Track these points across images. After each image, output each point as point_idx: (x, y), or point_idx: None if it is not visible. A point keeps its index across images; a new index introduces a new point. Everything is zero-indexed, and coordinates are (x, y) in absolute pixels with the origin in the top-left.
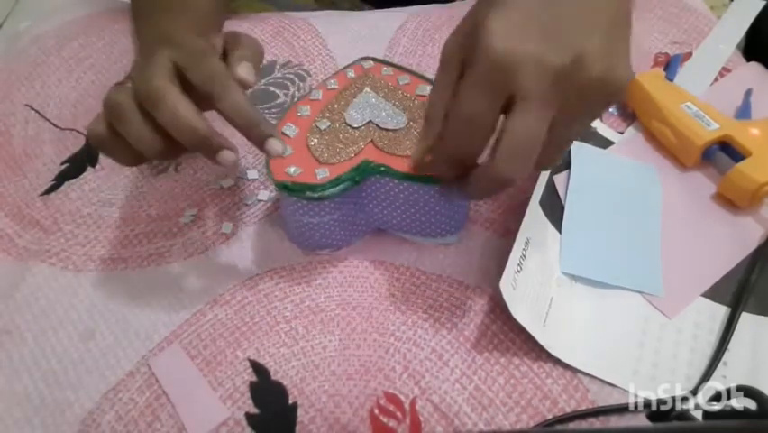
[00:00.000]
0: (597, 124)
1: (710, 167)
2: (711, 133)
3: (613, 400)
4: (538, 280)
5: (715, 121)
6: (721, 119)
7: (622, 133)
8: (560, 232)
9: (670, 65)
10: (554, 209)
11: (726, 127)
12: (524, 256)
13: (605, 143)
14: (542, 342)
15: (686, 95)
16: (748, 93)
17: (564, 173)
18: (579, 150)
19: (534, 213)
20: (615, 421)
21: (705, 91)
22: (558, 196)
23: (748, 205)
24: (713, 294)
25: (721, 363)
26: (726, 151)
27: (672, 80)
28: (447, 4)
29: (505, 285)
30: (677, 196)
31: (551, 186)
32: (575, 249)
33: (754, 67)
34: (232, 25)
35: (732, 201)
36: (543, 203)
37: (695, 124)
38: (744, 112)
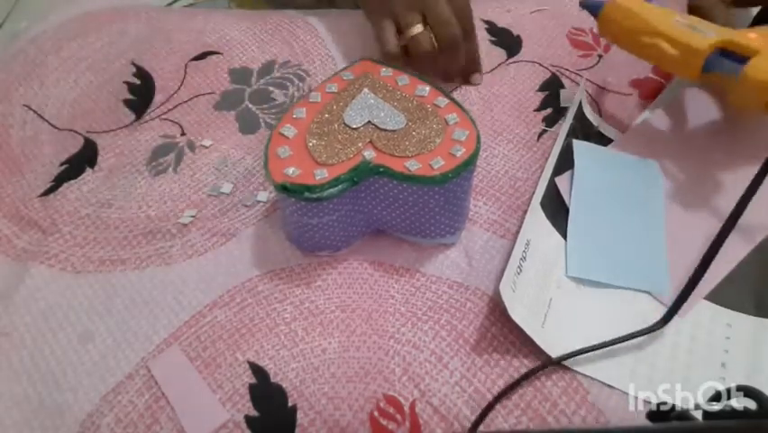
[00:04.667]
0: (598, 123)
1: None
2: (711, 40)
3: (613, 401)
4: (538, 281)
5: (710, 30)
6: (716, 28)
7: (623, 132)
8: (561, 234)
9: None
10: (556, 211)
11: (725, 34)
12: (524, 258)
13: (606, 142)
14: (540, 343)
15: (674, 12)
16: None
17: (567, 174)
18: (581, 148)
19: (536, 214)
20: (615, 421)
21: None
22: (561, 197)
23: (765, 107)
24: (713, 296)
25: (720, 366)
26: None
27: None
28: None
29: (504, 287)
30: (684, 183)
31: (552, 187)
32: (581, 252)
33: None
34: (230, 23)
35: (745, 112)
36: (544, 204)
37: (692, 34)
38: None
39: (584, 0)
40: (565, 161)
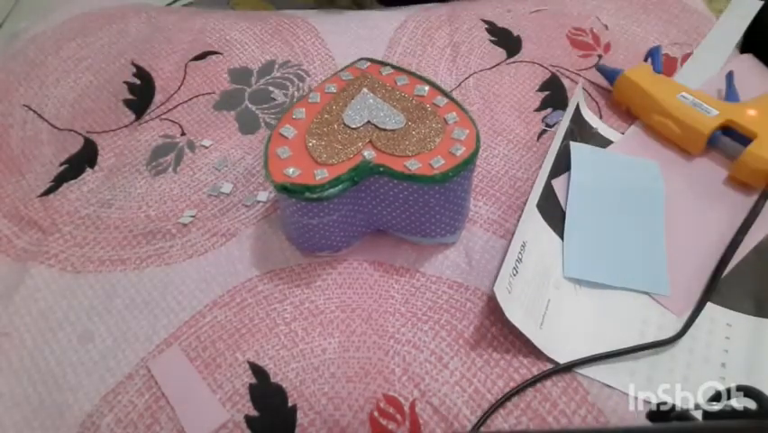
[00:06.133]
0: (597, 125)
1: (714, 152)
2: (714, 120)
3: (613, 401)
4: (535, 282)
5: (713, 107)
6: (718, 105)
7: (623, 133)
8: (558, 235)
9: (653, 57)
10: (553, 213)
11: (726, 112)
12: (519, 260)
13: (605, 143)
14: (537, 344)
15: (678, 85)
16: (730, 76)
17: (563, 177)
18: (578, 151)
19: (532, 216)
20: (615, 421)
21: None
22: (557, 200)
23: (762, 184)
24: (713, 296)
25: (720, 366)
26: (729, 135)
27: (659, 72)
28: (446, 4)
29: (499, 289)
30: (686, 186)
31: (549, 189)
32: (578, 253)
33: (745, 59)
34: (230, 23)
35: (746, 183)
36: (540, 206)
37: (696, 113)
38: (731, 95)
39: (600, 67)
40: (562, 164)
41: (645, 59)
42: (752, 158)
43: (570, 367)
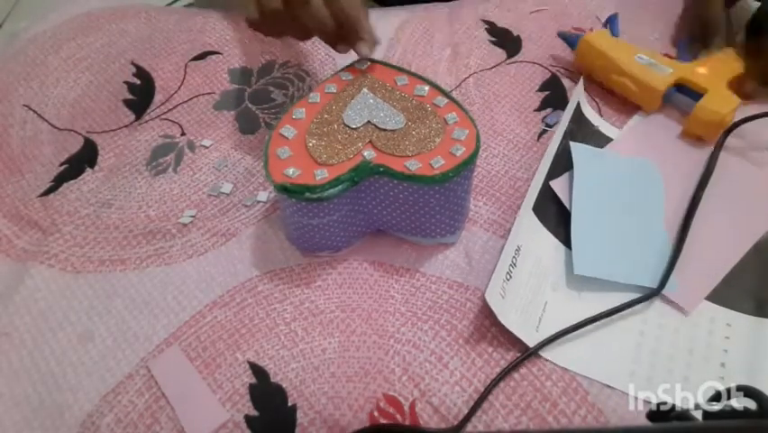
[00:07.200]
0: (598, 123)
1: (671, 109)
2: (668, 78)
3: (612, 402)
4: (531, 286)
5: (667, 66)
6: (671, 64)
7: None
8: (556, 237)
9: (611, 23)
10: (551, 215)
11: (679, 70)
12: (513, 264)
13: (606, 141)
14: (533, 346)
15: (634, 47)
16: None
17: (564, 177)
18: (578, 150)
19: (527, 219)
20: (615, 421)
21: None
22: (556, 201)
23: (714, 137)
24: (713, 296)
25: (720, 366)
26: (682, 92)
27: (617, 36)
28: (447, 4)
29: (492, 294)
30: (680, 177)
31: (547, 191)
32: (587, 251)
33: None
34: (230, 23)
35: (699, 137)
36: (537, 209)
37: (651, 72)
38: (682, 56)
39: (562, 33)
40: (560, 164)
41: (604, 26)
42: (702, 111)
43: (539, 349)
